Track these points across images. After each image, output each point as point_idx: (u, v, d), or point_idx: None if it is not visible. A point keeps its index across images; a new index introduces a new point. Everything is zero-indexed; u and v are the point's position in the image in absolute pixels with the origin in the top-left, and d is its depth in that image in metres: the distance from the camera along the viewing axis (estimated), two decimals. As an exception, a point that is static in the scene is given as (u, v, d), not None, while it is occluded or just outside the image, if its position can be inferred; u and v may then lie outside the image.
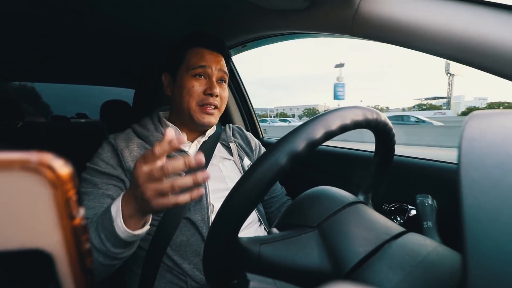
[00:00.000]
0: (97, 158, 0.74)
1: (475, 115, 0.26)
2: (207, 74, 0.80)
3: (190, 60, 0.80)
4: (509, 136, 0.22)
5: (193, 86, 0.78)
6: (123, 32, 1.25)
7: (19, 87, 2.91)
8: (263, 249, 0.39)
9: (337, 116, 0.38)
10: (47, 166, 0.13)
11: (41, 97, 3.68)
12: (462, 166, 0.21)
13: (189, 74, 0.79)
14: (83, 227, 0.14)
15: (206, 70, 0.79)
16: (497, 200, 0.19)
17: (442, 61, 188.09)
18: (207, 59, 0.80)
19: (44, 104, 3.74)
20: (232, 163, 0.87)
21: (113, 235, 0.53)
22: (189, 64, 0.80)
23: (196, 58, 0.80)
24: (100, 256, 0.55)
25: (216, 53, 0.83)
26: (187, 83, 0.79)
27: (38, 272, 0.14)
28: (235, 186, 0.35)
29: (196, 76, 0.79)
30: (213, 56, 0.82)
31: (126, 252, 0.57)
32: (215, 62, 0.81)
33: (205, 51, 0.81)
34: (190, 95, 0.78)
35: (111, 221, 0.53)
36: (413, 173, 0.84)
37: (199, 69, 0.79)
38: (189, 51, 0.82)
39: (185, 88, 0.79)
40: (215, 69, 0.81)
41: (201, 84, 0.79)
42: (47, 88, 3.58)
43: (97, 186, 0.69)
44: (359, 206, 0.45)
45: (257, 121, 1.58)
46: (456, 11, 0.50)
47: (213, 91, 0.78)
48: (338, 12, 0.67)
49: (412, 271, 0.33)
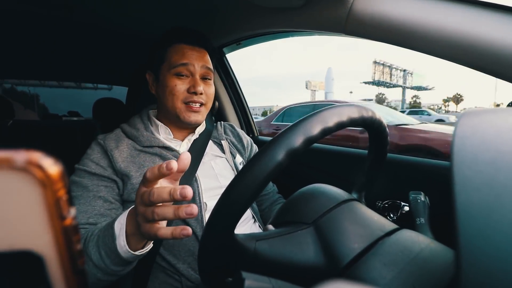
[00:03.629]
0: (86, 159, 0.72)
1: (467, 113, 0.26)
2: (190, 72, 0.77)
3: (171, 58, 0.77)
4: (500, 134, 0.22)
5: (176, 85, 0.75)
6: (115, 29, 1.23)
7: (9, 85, 2.86)
8: (259, 245, 0.39)
9: (334, 113, 0.38)
10: (36, 165, 0.12)
11: (32, 95, 3.61)
12: (455, 164, 0.22)
13: (171, 72, 0.76)
14: (74, 228, 0.14)
15: (188, 68, 0.76)
16: (489, 197, 0.20)
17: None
18: (188, 56, 0.77)
19: (36, 102, 3.67)
20: (224, 161, 0.87)
21: (114, 253, 0.50)
22: (171, 62, 0.76)
23: (177, 55, 0.76)
24: (99, 272, 0.53)
25: (199, 48, 0.79)
26: (170, 82, 0.76)
27: (29, 274, 0.14)
28: (232, 182, 0.34)
29: (178, 75, 0.76)
30: (195, 52, 0.78)
31: (126, 269, 0.55)
32: (197, 58, 0.78)
33: (186, 47, 0.78)
34: (174, 94, 0.76)
35: (113, 238, 0.50)
36: (406, 170, 0.85)
37: (181, 67, 0.76)
38: (169, 48, 0.78)
39: (168, 87, 0.76)
40: (198, 66, 0.77)
41: (184, 82, 0.76)
42: (39, 85, 3.51)
43: (87, 188, 0.67)
44: (353, 204, 0.45)
45: (251, 119, 1.58)
46: (449, 10, 0.51)
47: (197, 89, 0.75)
48: (332, 11, 0.67)
49: (405, 267, 0.34)
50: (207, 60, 0.80)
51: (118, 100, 1.74)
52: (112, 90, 2.25)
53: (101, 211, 0.65)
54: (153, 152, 0.75)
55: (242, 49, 1.33)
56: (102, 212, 0.65)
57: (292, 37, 1.09)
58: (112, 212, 0.67)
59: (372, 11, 0.59)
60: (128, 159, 0.72)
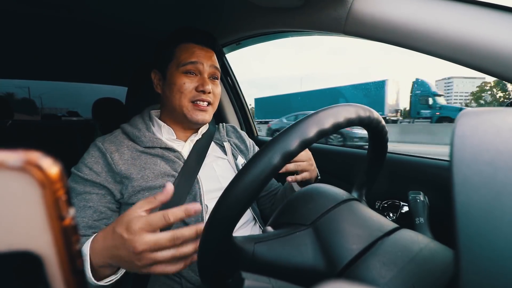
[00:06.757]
0: (81, 163, 0.71)
1: (466, 113, 0.26)
2: (198, 71, 0.77)
3: (180, 56, 0.77)
4: (500, 134, 0.22)
5: (184, 83, 0.75)
6: (116, 29, 1.23)
7: (9, 84, 2.85)
8: (258, 247, 0.39)
9: (330, 114, 0.37)
10: (35, 165, 0.12)
11: (31, 95, 3.60)
12: (454, 163, 0.22)
13: (179, 70, 0.76)
14: (73, 228, 0.14)
15: (197, 66, 0.77)
16: (488, 196, 0.20)
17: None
18: (197, 55, 0.77)
19: (35, 102, 3.67)
20: (226, 162, 0.86)
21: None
22: (179, 60, 0.77)
23: (186, 54, 0.77)
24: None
25: (207, 48, 0.80)
26: (178, 80, 0.76)
27: (27, 275, 0.14)
28: (228, 186, 0.34)
29: (187, 73, 0.76)
30: (204, 51, 0.79)
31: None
32: (206, 58, 0.78)
33: (196, 46, 0.78)
34: (182, 92, 0.75)
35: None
36: (405, 170, 0.85)
37: (190, 65, 0.76)
38: (178, 46, 0.78)
39: (176, 85, 0.76)
40: (207, 65, 0.78)
41: (193, 81, 0.76)
42: (39, 85, 3.50)
43: (79, 196, 0.67)
44: (352, 203, 0.45)
45: (251, 119, 1.58)
46: (449, 10, 0.51)
47: (205, 88, 0.75)
48: (332, 11, 0.67)
49: (405, 267, 0.34)
50: (214, 60, 0.81)
51: (117, 100, 1.73)
52: (110, 89, 2.24)
53: (89, 223, 0.65)
54: (154, 153, 0.75)
55: (239, 52, 1.33)
56: (90, 224, 0.65)
57: (292, 37, 1.09)
58: (101, 223, 0.67)
59: (371, 11, 0.60)
60: (129, 161, 0.72)
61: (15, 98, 3.36)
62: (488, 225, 0.19)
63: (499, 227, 0.18)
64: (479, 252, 0.19)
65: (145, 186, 0.69)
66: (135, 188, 0.69)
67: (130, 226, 0.45)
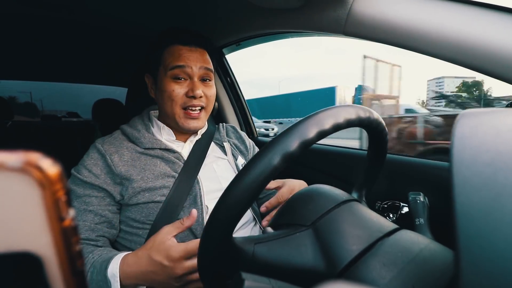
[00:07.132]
0: (80, 165, 0.71)
1: (466, 114, 0.26)
2: (188, 74, 0.73)
3: (166, 60, 0.73)
4: (500, 135, 0.22)
5: (173, 90, 0.72)
6: (116, 30, 1.23)
7: (9, 85, 2.85)
8: (258, 248, 0.39)
9: (330, 114, 0.37)
10: (34, 166, 0.12)
11: (33, 98, 3.62)
12: (454, 164, 0.22)
13: (167, 75, 0.73)
14: (73, 229, 0.14)
15: (185, 71, 0.73)
16: (488, 197, 0.20)
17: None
18: (185, 57, 0.73)
19: (36, 106, 3.68)
20: (226, 163, 0.86)
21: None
22: (166, 64, 0.73)
23: (172, 57, 0.73)
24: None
25: (196, 48, 0.75)
26: (167, 86, 0.73)
27: (27, 276, 0.14)
28: (228, 186, 0.34)
29: (175, 79, 0.73)
30: (193, 53, 0.74)
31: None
32: (195, 59, 0.74)
33: (183, 48, 0.73)
34: (172, 99, 0.73)
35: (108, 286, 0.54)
36: (405, 170, 0.85)
37: (177, 69, 0.72)
38: (165, 50, 0.74)
39: (166, 92, 0.73)
40: (196, 68, 0.73)
41: (182, 86, 0.73)
42: (40, 89, 3.51)
43: (79, 199, 0.68)
44: (352, 204, 0.45)
45: (251, 120, 1.58)
46: (448, 11, 0.51)
47: (195, 93, 0.72)
48: (332, 12, 0.67)
49: (405, 268, 0.33)
50: (206, 60, 0.76)
51: (117, 101, 1.74)
52: (110, 90, 2.24)
53: (91, 226, 0.66)
54: (154, 155, 0.75)
55: (238, 53, 1.34)
56: (92, 227, 0.66)
57: (292, 38, 1.10)
58: (103, 226, 0.68)
59: (371, 12, 0.60)
60: (129, 162, 0.72)
61: (18, 102, 3.41)
62: (488, 226, 0.19)
63: (499, 228, 0.18)
64: (479, 253, 0.19)
65: (145, 187, 0.69)
66: (135, 189, 0.69)
67: (170, 255, 0.50)
